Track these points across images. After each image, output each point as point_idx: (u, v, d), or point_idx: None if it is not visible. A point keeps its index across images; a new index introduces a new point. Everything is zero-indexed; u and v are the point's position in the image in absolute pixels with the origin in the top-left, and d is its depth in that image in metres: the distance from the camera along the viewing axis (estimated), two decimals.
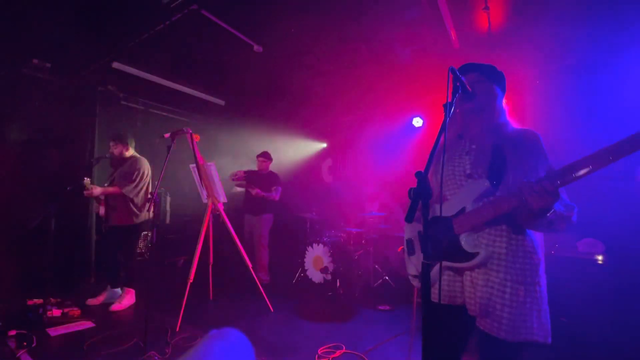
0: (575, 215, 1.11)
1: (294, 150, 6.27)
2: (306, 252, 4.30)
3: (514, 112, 3.62)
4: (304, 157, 6.28)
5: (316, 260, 4.14)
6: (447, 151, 1.37)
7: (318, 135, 6.18)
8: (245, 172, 4.32)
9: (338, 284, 3.89)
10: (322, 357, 2.40)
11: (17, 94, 3.81)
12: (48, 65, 3.71)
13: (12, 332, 2.54)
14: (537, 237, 1.22)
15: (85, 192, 3.19)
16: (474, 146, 1.30)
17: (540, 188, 1.01)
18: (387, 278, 4.10)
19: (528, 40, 3.22)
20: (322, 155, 6.24)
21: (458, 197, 1.27)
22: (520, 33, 3.14)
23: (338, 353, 2.46)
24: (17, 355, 2.27)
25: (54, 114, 4.04)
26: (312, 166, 6.28)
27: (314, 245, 4.20)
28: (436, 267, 1.25)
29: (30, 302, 3.08)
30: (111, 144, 3.47)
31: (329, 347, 2.54)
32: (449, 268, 1.27)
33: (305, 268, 4.28)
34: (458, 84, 1.21)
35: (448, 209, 1.28)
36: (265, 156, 4.44)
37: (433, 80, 4.02)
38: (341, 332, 2.87)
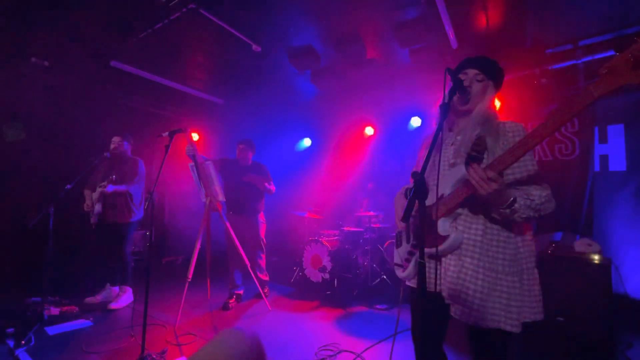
0: (551, 206, 1.13)
1: (291, 148, 6.27)
2: (304, 251, 4.30)
3: (509, 111, 3.64)
4: (302, 156, 6.29)
5: (314, 259, 4.15)
6: (436, 144, 1.41)
7: (316, 134, 6.18)
8: (214, 160, 3.35)
9: (336, 283, 3.90)
10: (319, 356, 2.41)
11: (15, 93, 3.80)
12: (46, 63, 3.70)
13: (11, 330, 2.54)
14: (519, 229, 1.22)
15: (98, 190, 3.27)
16: (459, 137, 1.34)
17: (484, 174, 1.07)
18: (384, 277, 4.11)
19: (526, 39, 3.24)
20: (320, 153, 6.24)
21: (440, 186, 1.29)
22: (519, 32, 3.16)
23: (335, 351, 2.47)
24: (16, 353, 2.27)
25: (52, 112, 4.03)
26: (310, 165, 6.28)
27: (312, 244, 4.21)
28: (416, 256, 1.28)
29: (28, 301, 3.08)
30: (116, 139, 3.50)
31: (326, 346, 2.55)
32: (428, 256, 1.30)
33: (304, 267, 4.29)
34: (454, 85, 1.22)
35: (432, 198, 1.31)
36: (247, 143, 3.63)
37: (431, 80, 4.04)
38: (339, 331, 2.88)
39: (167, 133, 2.31)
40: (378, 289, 4.03)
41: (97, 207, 3.38)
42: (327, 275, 3.96)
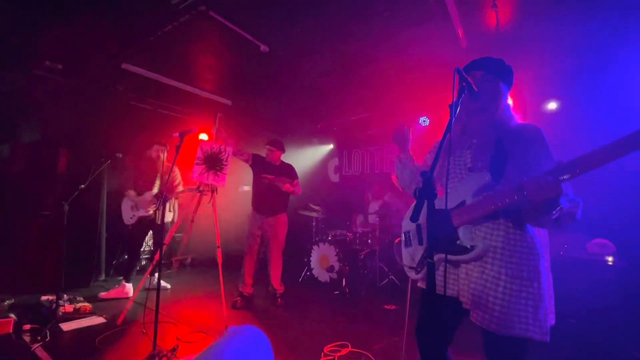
0: (579, 211, 1.11)
1: (300, 149, 6.29)
2: (312, 251, 4.32)
3: (520, 111, 3.59)
4: (310, 156, 6.30)
5: (322, 259, 4.16)
6: (451, 147, 1.37)
7: (324, 135, 6.19)
8: (252, 155, 3.61)
9: (344, 283, 3.90)
10: (328, 355, 2.41)
11: (30, 95, 3.90)
12: (59, 66, 3.79)
13: (27, 327, 2.61)
14: (539, 233, 1.21)
15: (143, 197, 3.69)
16: (475, 140, 1.31)
17: (544, 183, 1.01)
18: (393, 277, 4.10)
19: (537, 38, 3.19)
20: (328, 154, 6.25)
21: (458, 191, 1.27)
22: (529, 31, 3.11)
23: (344, 351, 2.47)
24: (32, 349, 2.33)
25: (65, 114, 4.12)
26: (318, 165, 6.29)
27: (320, 244, 4.22)
28: (434, 258, 1.27)
29: (43, 298, 3.16)
30: (156, 147, 3.81)
31: (335, 345, 2.55)
32: (447, 260, 1.29)
33: (312, 267, 4.30)
34: (464, 84, 1.21)
35: (448, 203, 1.29)
36: (276, 145, 3.63)
37: (440, 80, 4.00)
38: (347, 331, 2.88)
39: (177, 134, 2.34)
40: (386, 289, 4.02)
41: (140, 212, 3.71)
42: (335, 275, 3.97)
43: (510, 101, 1.35)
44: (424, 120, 4.69)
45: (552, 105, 3.72)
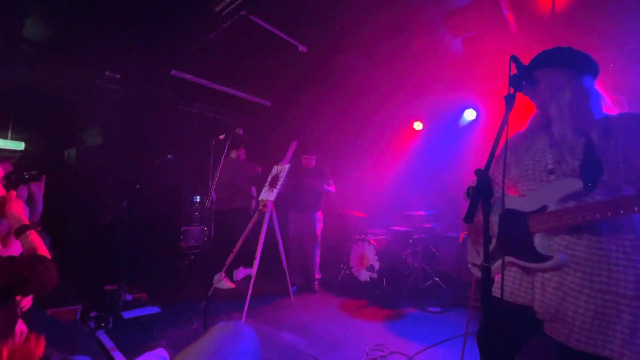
0: None
1: (339, 146, 6.27)
2: (351, 249, 4.28)
3: None
4: (349, 153, 6.26)
5: (361, 258, 4.11)
6: (527, 143, 1.24)
7: (361, 131, 6.11)
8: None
9: (384, 283, 3.82)
10: (370, 355, 2.38)
11: (92, 103, 4.31)
12: (118, 76, 4.13)
13: (92, 314, 2.88)
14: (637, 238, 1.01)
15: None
16: (557, 139, 1.14)
17: None
18: (437, 279, 3.94)
19: (601, 17, 2.87)
20: (365, 151, 6.16)
21: (539, 194, 1.14)
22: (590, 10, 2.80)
23: (386, 352, 2.42)
24: (96, 334, 2.57)
25: (122, 120, 4.49)
26: (355, 162, 6.23)
27: (359, 243, 4.17)
28: (499, 261, 1.17)
29: (107, 288, 3.46)
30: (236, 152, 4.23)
31: (376, 346, 2.51)
32: (518, 265, 1.18)
33: (350, 265, 4.27)
34: (520, 73, 1.12)
35: (525, 205, 1.17)
36: (310, 152, 4.06)
37: (488, 69, 3.76)
38: (389, 332, 2.82)
39: (224, 135, 2.44)
40: (429, 290, 3.87)
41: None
42: (375, 275, 3.90)
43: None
44: (470, 113, 4.44)
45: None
